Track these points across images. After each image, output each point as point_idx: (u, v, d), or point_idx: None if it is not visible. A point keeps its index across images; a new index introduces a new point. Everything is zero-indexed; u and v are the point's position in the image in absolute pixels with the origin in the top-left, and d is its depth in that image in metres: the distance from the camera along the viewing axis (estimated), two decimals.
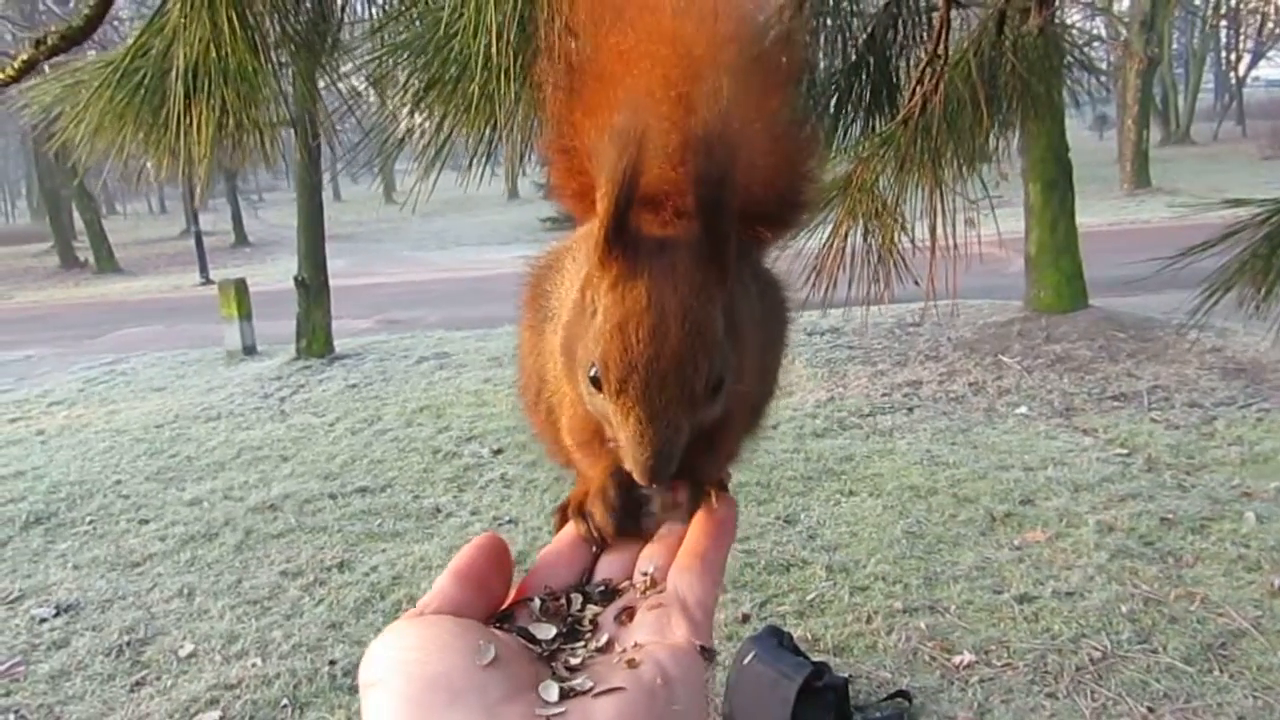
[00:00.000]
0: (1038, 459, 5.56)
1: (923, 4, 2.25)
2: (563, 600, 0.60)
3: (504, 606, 0.60)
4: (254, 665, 3.99)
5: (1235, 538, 4.39)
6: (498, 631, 0.56)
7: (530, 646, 0.55)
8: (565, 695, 0.50)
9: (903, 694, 3.44)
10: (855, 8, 2.23)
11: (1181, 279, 2.22)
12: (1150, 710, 3.27)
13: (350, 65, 1.85)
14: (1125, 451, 5.61)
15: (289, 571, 4.88)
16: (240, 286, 10.79)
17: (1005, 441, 5.94)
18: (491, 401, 7.78)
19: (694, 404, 0.53)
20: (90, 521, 5.82)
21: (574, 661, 0.54)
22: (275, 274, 17.65)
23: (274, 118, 1.68)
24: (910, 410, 6.74)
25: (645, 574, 0.61)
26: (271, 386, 9.00)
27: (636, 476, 0.56)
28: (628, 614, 0.58)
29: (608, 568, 0.63)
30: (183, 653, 4.16)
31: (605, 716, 0.49)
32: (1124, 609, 3.87)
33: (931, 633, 3.82)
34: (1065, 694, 3.39)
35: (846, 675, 3.46)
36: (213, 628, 4.34)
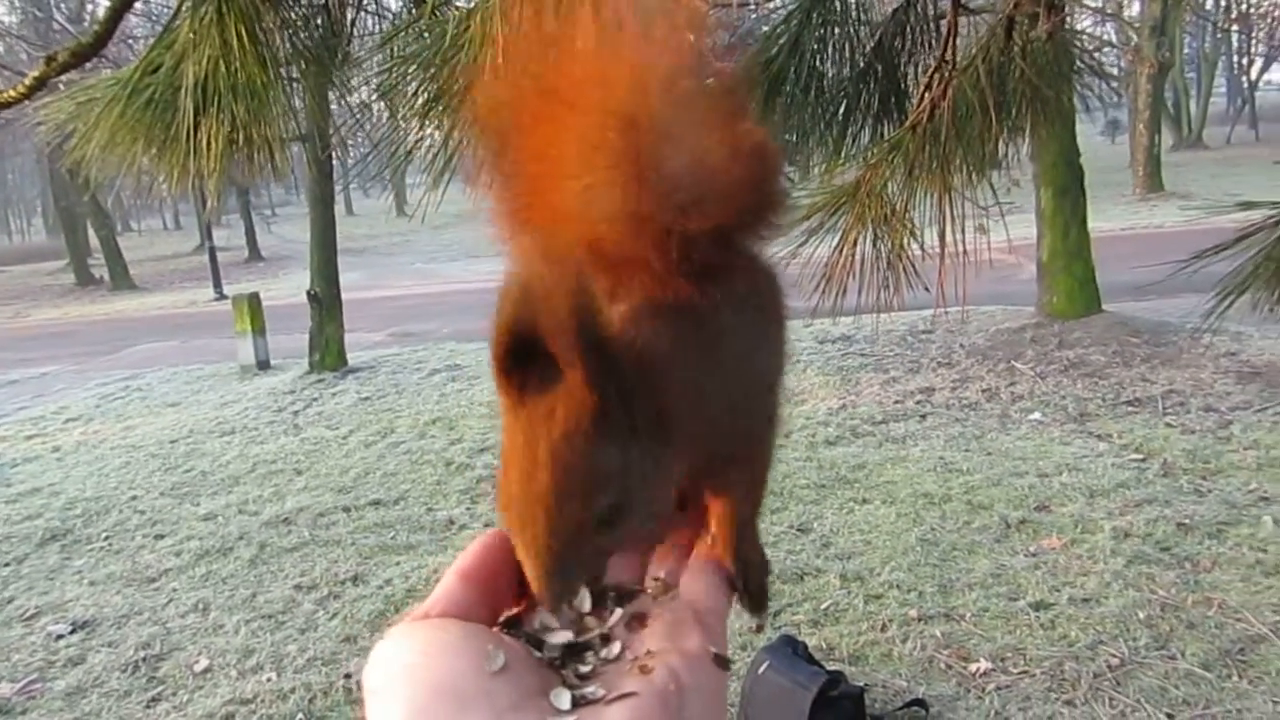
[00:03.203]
0: (1052, 465, 5.52)
1: (931, 11, 2.25)
2: (572, 606, 0.58)
3: (514, 611, 0.58)
4: (269, 680, 4.00)
5: (1253, 542, 4.34)
6: (505, 637, 0.54)
7: (539, 653, 0.54)
8: (577, 703, 0.49)
9: (919, 702, 3.42)
10: (863, 16, 2.23)
11: (1195, 283, 2.20)
12: (1169, 717, 3.24)
13: (360, 78, 1.86)
14: (1140, 457, 5.57)
15: (303, 585, 4.89)
16: (254, 301, 10.84)
17: (1019, 448, 5.90)
18: None
19: (572, 544, 0.52)
20: (106, 538, 5.85)
21: (584, 669, 0.53)
22: (288, 288, 17.76)
23: (284, 132, 1.69)
24: (923, 417, 6.71)
25: (657, 579, 0.59)
26: (285, 400, 9.04)
27: (536, 597, 0.55)
28: (639, 620, 0.56)
29: (618, 572, 0.61)
30: (198, 668, 4.17)
31: None
32: (1141, 615, 3.83)
33: (947, 640, 3.80)
34: (1083, 701, 3.36)
35: (862, 684, 3.44)
36: (228, 642, 4.35)
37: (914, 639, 3.82)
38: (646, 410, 0.53)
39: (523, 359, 0.51)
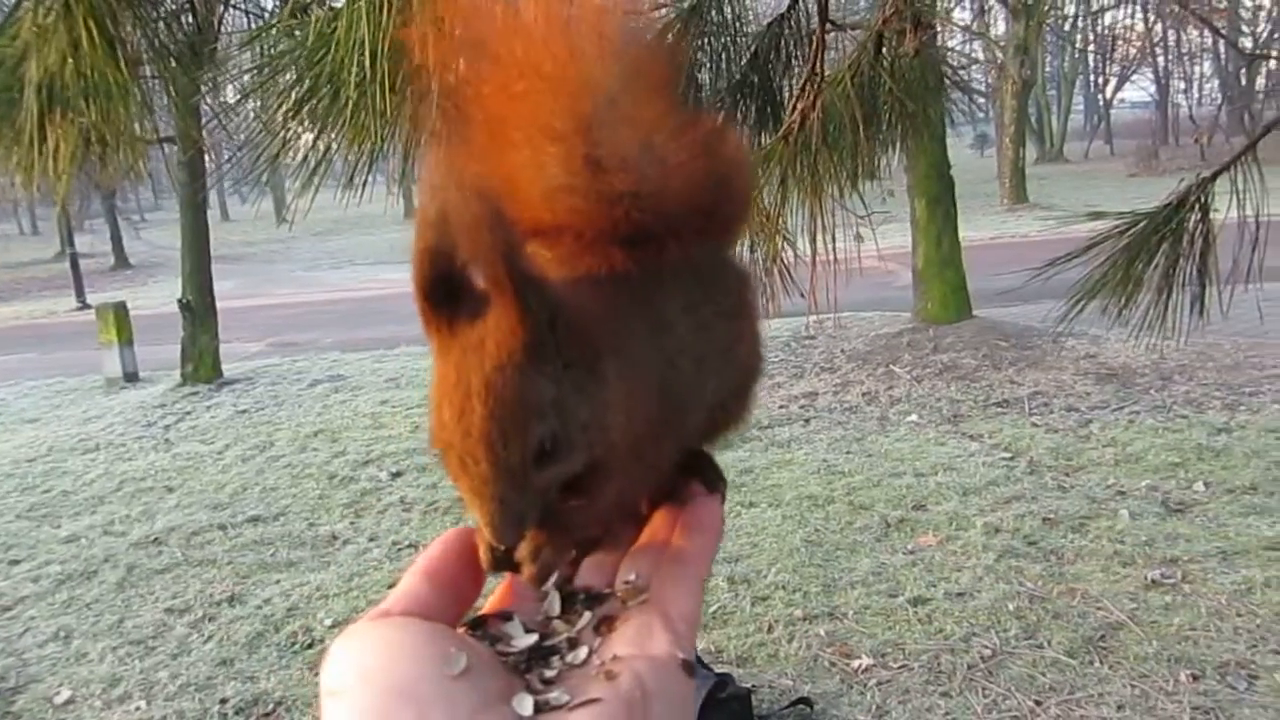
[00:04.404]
0: (928, 465, 5.74)
1: (804, 25, 2.32)
2: (540, 608, 0.57)
3: (482, 612, 0.56)
4: (138, 709, 3.79)
5: (1111, 534, 4.61)
6: (469, 638, 0.52)
7: (504, 657, 0.52)
8: (540, 709, 0.47)
9: (804, 700, 3.49)
10: (740, 28, 2.28)
11: (1054, 289, 2.33)
12: (1037, 703, 3.40)
13: (227, 78, 1.79)
14: (1009, 455, 5.84)
15: (175, 608, 4.66)
16: (120, 310, 10.33)
17: (898, 449, 6.11)
18: (389, 424, 7.62)
19: (515, 476, 0.52)
20: None
21: (549, 674, 0.51)
22: (159, 297, 16.99)
23: (143, 133, 1.61)
24: (807, 421, 6.88)
25: (627, 582, 0.58)
26: (155, 414, 8.62)
27: (488, 537, 0.54)
28: (607, 624, 0.55)
29: (589, 574, 0.60)
30: (59, 700, 3.92)
31: None
32: (1011, 607, 4.02)
33: (831, 639, 3.90)
34: (958, 692, 3.50)
35: (750, 686, 3.49)
36: (92, 671, 4.11)
37: (799, 639, 3.90)
38: (577, 347, 0.53)
39: (446, 298, 0.50)
